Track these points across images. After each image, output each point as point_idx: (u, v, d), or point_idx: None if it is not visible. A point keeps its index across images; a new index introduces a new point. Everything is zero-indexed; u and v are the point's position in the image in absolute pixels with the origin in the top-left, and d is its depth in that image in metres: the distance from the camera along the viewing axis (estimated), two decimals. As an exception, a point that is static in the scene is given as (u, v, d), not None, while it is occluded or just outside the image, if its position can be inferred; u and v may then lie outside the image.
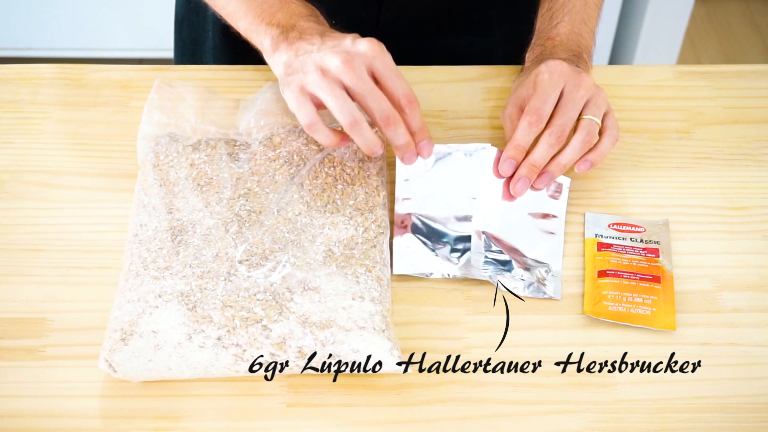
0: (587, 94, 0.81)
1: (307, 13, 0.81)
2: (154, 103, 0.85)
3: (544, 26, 0.90)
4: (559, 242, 0.80)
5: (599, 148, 0.82)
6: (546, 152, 0.80)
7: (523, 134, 0.80)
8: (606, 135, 0.82)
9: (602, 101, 0.82)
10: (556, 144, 0.80)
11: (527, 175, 0.80)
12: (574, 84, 0.81)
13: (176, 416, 0.68)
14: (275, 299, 0.70)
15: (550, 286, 0.77)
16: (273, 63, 0.79)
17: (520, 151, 0.80)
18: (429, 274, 0.77)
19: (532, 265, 0.78)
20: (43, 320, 0.74)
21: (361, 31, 1.01)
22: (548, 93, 0.80)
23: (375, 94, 0.74)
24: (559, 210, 0.82)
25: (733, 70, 0.97)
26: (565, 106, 0.80)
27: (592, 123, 0.81)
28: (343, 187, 0.79)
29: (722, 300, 0.77)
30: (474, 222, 0.79)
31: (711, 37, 2.38)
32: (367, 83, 0.74)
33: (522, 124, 0.80)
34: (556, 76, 0.81)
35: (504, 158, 0.81)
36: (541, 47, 0.88)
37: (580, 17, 0.89)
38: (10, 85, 0.93)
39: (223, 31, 1.04)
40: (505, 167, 0.81)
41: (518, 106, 0.83)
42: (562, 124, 0.80)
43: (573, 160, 0.81)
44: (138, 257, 0.74)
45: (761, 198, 0.85)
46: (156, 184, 0.79)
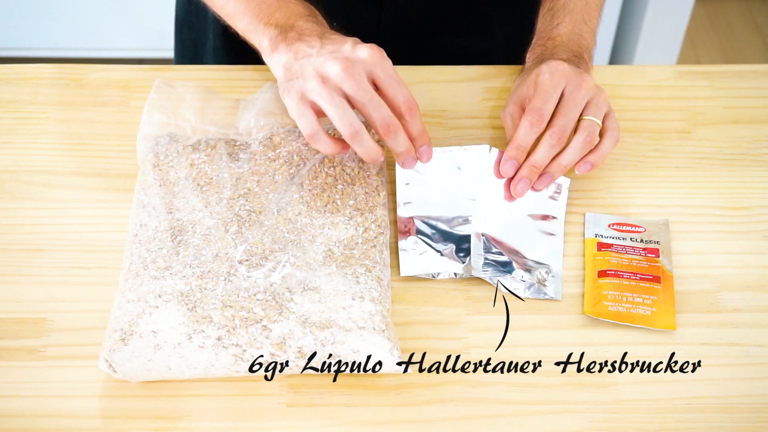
0: (588, 95, 0.81)
1: (305, 13, 0.81)
2: (154, 103, 0.85)
3: (545, 26, 0.90)
4: (559, 243, 0.80)
5: (600, 150, 0.82)
6: (547, 153, 0.80)
7: (524, 134, 0.80)
8: (607, 136, 0.82)
9: (603, 102, 0.82)
10: (558, 145, 0.79)
11: (528, 176, 0.80)
12: (576, 84, 0.80)
13: (176, 416, 0.68)
14: (275, 299, 0.70)
15: (550, 287, 0.77)
16: (271, 63, 0.79)
17: (522, 151, 0.80)
18: (436, 275, 0.77)
19: (533, 266, 0.78)
20: (43, 320, 0.74)
21: (362, 31, 1.01)
22: (549, 93, 0.80)
23: (375, 103, 0.74)
24: (558, 211, 0.82)
25: (733, 70, 0.97)
26: (566, 106, 0.80)
27: (593, 124, 0.81)
28: (343, 187, 0.79)
29: (722, 300, 0.77)
30: (473, 224, 0.79)
31: (711, 37, 2.38)
32: (367, 91, 0.74)
33: (523, 124, 0.80)
34: (557, 76, 0.81)
35: (505, 159, 0.81)
36: (542, 47, 0.88)
37: (581, 17, 0.89)
38: (10, 85, 0.93)
39: (223, 32, 1.04)
40: (507, 168, 0.80)
41: (519, 105, 0.83)
42: (563, 124, 0.79)
43: (574, 161, 0.81)
44: (138, 257, 0.74)
45: (761, 198, 0.85)
46: (156, 184, 0.79)
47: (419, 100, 0.85)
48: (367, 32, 1.01)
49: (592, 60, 0.89)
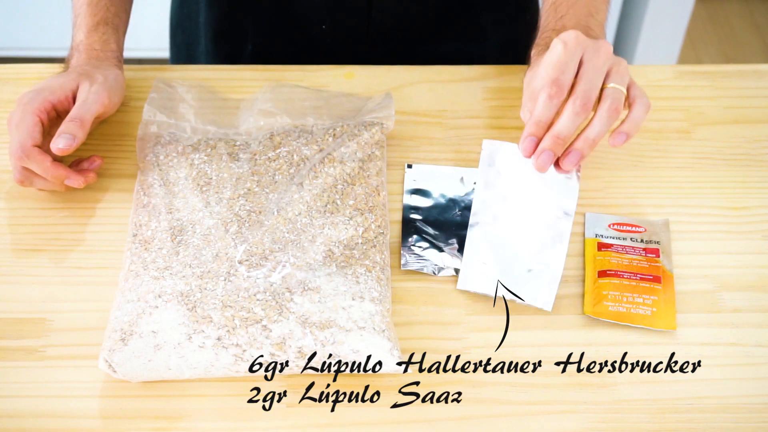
0: (609, 62, 0.75)
1: (96, 22, 0.87)
2: (154, 103, 0.86)
3: (548, 21, 0.86)
4: (562, 248, 0.78)
5: (632, 117, 0.75)
6: (571, 122, 0.73)
7: (543, 109, 0.73)
8: (637, 103, 0.76)
9: (624, 70, 0.76)
10: (582, 112, 0.72)
11: (551, 147, 0.73)
12: (594, 50, 0.74)
13: (176, 416, 0.68)
14: (275, 299, 0.70)
15: (541, 297, 0.75)
16: None
17: (542, 126, 0.74)
18: (438, 271, 0.77)
19: (533, 267, 0.77)
20: (43, 320, 0.74)
21: (351, 35, 1.01)
22: (566, 63, 0.73)
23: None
24: (569, 207, 0.79)
25: (733, 70, 0.97)
26: (588, 73, 0.73)
27: (617, 91, 0.74)
28: (343, 187, 0.79)
29: (722, 300, 0.77)
30: (475, 223, 0.79)
31: (711, 37, 2.38)
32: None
33: (541, 97, 0.73)
34: (571, 45, 0.74)
35: (525, 137, 0.75)
36: (547, 40, 0.83)
37: (587, 10, 0.84)
38: (10, 85, 0.93)
39: (214, 36, 1.05)
40: (526, 144, 0.74)
41: (536, 100, 0.76)
42: (587, 90, 0.73)
43: (602, 133, 0.74)
44: (138, 257, 0.74)
45: (761, 198, 0.85)
46: (156, 184, 0.79)
47: (419, 100, 0.85)
48: (356, 37, 1.01)
49: None
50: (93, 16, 0.88)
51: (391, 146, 0.87)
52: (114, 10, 0.89)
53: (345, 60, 0.97)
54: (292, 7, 0.99)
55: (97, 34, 0.87)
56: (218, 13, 1.04)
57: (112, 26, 0.89)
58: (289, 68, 0.94)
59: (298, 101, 0.87)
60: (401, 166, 0.85)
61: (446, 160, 0.86)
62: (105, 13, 0.88)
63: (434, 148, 0.87)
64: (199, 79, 0.93)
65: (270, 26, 1.02)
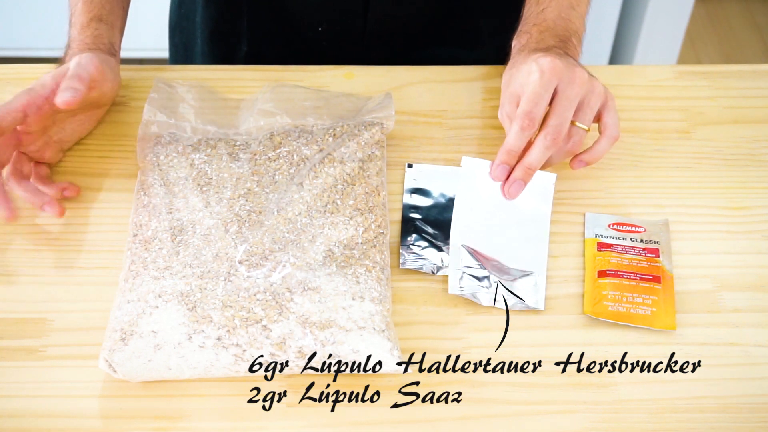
0: (582, 91, 0.78)
1: (89, 18, 0.86)
2: (154, 103, 0.85)
3: (530, 13, 0.88)
4: (543, 247, 0.79)
5: (597, 149, 0.81)
6: (542, 155, 0.78)
7: (515, 140, 0.78)
8: (604, 136, 0.81)
9: (596, 99, 0.79)
10: (552, 146, 0.78)
11: (522, 177, 0.80)
12: (569, 80, 0.78)
13: (176, 416, 0.68)
14: (275, 299, 0.70)
15: (531, 297, 0.75)
16: None
17: (513, 156, 0.80)
18: (437, 270, 0.77)
19: (516, 275, 0.77)
20: (43, 320, 0.74)
21: (347, 39, 1.01)
22: (540, 95, 0.77)
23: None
24: (542, 213, 0.81)
25: (733, 70, 0.97)
26: (560, 105, 0.78)
27: (580, 131, 0.80)
28: (343, 187, 0.79)
29: (722, 300, 0.77)
30: (452, 237, 0.79)
31: (711, 37, 2.38)
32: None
33: (513, 128, 0.78)
34: (547, 75, 0.78)
35: (497, 164, 0.80)
36: (527, 34, 0.86)
37: (568, 2, 0.87)
38: (10, 85, 0.93)
39: (210, 37, 1.05)
40: (498, 172, 0.80)
41: (515, 103, 0.81)
42: (557, 125, 0.78)
43: (539, 160, 0.79)
44: (138, 257, 0.74)
45: (761, 198, 0.85)
46: (156, 184, 0.79)
47: (419, 100, 0.85)
48: (352, 40, 1.01)
49: (581, 45, 0.87)
50: (87, 14, 0.87)
51: (391, 146, 0.87)
52: (109, 7, 0.88)
53: (341, 63, 0.97)
54: (287, 9, 0.99)
55: (90, 30, 0.87)
56: (214, 14, 1.03)
57: (107, 23, 0.88)
58: (289, 68, 0.95)
59: (298, 101, 0.87)
60: (401, 166, 0.85)
61: (446, 160, 0.86)
62: (99, 11, 0.88)
63: (434, 148, 0.87)
64: (199, 80, 0.93)
65: (265, 27, 1.02)
